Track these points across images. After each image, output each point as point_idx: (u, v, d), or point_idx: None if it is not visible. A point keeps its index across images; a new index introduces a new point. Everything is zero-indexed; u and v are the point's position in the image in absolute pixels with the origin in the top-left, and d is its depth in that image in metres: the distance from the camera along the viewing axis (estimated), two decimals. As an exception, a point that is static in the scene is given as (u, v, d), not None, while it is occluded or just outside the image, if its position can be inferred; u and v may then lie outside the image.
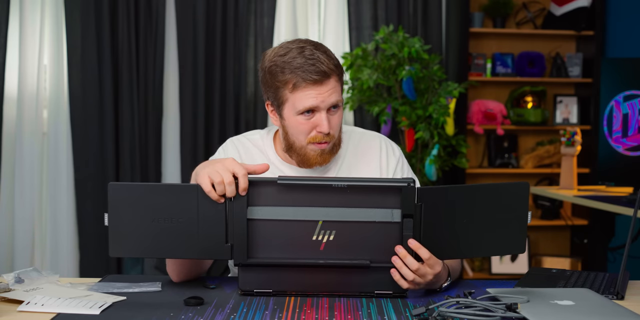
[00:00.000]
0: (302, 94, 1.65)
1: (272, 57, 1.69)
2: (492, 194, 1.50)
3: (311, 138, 1.69)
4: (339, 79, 1.69)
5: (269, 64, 1.69)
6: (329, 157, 1.73)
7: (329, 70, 1.65)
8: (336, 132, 1.72)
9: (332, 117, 1.69)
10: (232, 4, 4.07)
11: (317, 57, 1.65)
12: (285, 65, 1.65)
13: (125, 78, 3.99)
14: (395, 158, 1.84)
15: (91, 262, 3.99)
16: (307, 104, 1.65)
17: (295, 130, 1.70)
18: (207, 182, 1.45)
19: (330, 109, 1.68)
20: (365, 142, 1.84)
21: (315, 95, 1.65)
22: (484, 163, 4.50)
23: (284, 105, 1.69)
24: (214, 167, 1.46)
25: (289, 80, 1.65)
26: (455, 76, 4.22)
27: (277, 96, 1.69)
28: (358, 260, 1.47)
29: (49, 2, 3.96)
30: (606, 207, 2.97)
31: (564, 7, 4.37)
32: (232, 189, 1.44)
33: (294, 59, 1.65)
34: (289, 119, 1.70)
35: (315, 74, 1.63)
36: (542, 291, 1.46)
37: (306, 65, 1.63)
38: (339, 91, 1.70)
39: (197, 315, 1.35)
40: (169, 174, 4.11)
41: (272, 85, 1.69)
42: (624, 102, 3.15)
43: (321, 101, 1.65)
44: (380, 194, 1.46)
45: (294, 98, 1.66)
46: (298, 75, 1.64)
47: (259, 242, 1.47)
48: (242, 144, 1.83)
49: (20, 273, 1.53)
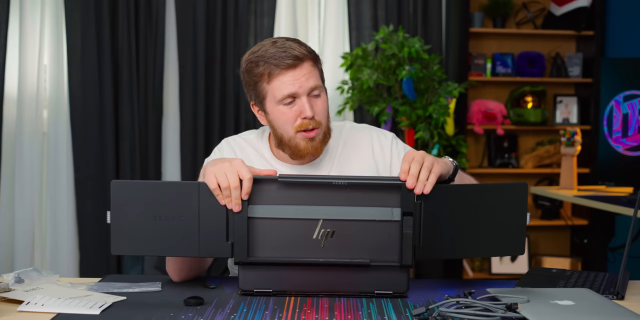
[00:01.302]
0: (279, 82, 1.67)
1: (247, 56, 1.72)
2: (490, 194, 1.50)
3: (297, 126, 1.69)
4: (314, 64, 1.70)
5: (245, 64, 1.72)
6: (320, 146, 1.73)
7: (301, 55, 1.67)
8: (322, 118, 1.71)
9: (315, 102, 1.70)
10: (232, 4, 4.07)
11: (289, 45, 1.68)
12: (258, 59, 1.68)
13: (125, 78, 3.99)
14: (388, 141, 1.84)
15: (91, 262, 3.99)
16: (285, 91, 1.67)
17: (280, 122, 1.70)
18: (214, 181, 1.45)
19: (310, 95, 1.69)
20: (355, 133, 1.85)
21: (292, 81, 1.66)
22: (484, 163, 4.50)
23: (266, 99, 1.70)
24: (222, 167, 1.46)
25: (264, 71, 1.67)
26: (455, 76, 4.22)
27: (257, 92, 1.71)
28: (358, 259, 1.47)
29: (49, 2, 3.96)
30: (606, 207, 2.97)
31: (564, 7, 4.37)
32: (237, 194, 1.44)
33: (266, 51, 1.68)
34: (273, 112, 1.71)
35: (287, 58, 1.65)
36: (542, 291, 1.46)
37: (278, 53, 1.66)
38: (317, 76, 1.70)
39: (197, 315, 1.35)
40: (169, 174, 4.11)
41: (251, 82, 1.71)
42: (624, 102, 3.15)
43: (299, 87, 1.66)
44: (381, 192, 1.46)
45: (272, 89, 1.68)
46: (271, 63, 1.66)
47: (259, 240, 1.47)
48: (238, 143, 1.83)
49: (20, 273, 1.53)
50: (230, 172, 1.45)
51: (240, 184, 1.45)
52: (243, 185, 1.45)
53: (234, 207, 1.45)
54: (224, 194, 1.45)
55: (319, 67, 1.73)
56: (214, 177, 1.45)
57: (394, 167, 1.82)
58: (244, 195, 1.45)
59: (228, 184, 1.44)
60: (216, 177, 1.45)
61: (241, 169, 1.46)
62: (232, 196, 1.44)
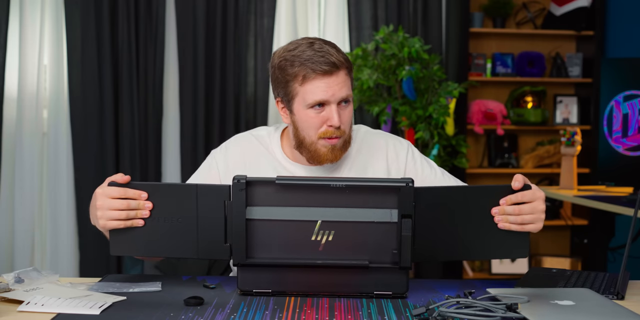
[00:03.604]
0: (312, 86, 1.65)
1: (281, 53, 1.69)
2: (490, 196, 1.48)
3: (322, 133, 1.68)
4: (348, 73, 1.69)
5: (279, 60, 1.69)
6: (340, 153, 1.72)
7: (339, 62, 1.65)
8: (347, 128, 1.71)
9: (343, 111, 1.69)
10: (232, 4, 4.07)
11: (327, 50, 1.65)
12: (294, 58, 1.65)
13: (125, 78, 3.99)
14: (404, 149, 1.83)
15: (91, 262, 3.99)
16: (317, 97, 1.65)
17: (305, 125, 1.69)
18: (118, 223, 1.48)
19: (340, 103, 1.68)
20: (370, 138, 1.84)
21: (325, 88, 1.65)
22: (484, 163, 4.50)
23: (294, 100, 1.68)
24: (103, 207, 1.47)
25: (298, 72, 1.65)
26: (455, 76, 4.22)
27: (287, 91, 1.69)
28: (357, 261, 1.46)
29: (49, 2, 3.96)
30: (606, 207, 2.97)
31: (564, 7, 4.37)
32: (137, 204, 1.47)
33: (303, 52, 1.65)
34: (299, 114, 1.69)
35: (324, 64, 1.63)
36: (542, 291, 1.46)
37: (315, 57, 1.64)
38: (349, 86, 1.69)
39: (197, 315, 1.35)
40: (169, 174, 4.11)
41: (282, 80, 1.68)
42: (624, 102, 3.15)
43: (331, 95, 1.65)
44: (379, 194, 1.45)
45: (303, 91, 1.66)
46: (307, 66, 1.64)
47: (257, 242, 1.46)
48: (248, 140, 1.82)
49: (20, 273, 1.53)
50: (111, 203, 1.46)
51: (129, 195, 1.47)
52: (121, 181, 1.47)
53: (145, 211, 1.47)
54: (135, 215, 1.47)
55: (351, 76, 1.72)
56: (115, 216, 1.47)
57: (408, 175, 1.80)
58: (124, 180, 1.47)
59: (126, 206, 1.46)
60: (117, 215, 1.47)
61: (107, 191, 1.47)
62: (139, 209, 1.47)
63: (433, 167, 1.85)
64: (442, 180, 1.83)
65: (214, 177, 1.79)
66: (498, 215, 1.47)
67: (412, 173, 1.81)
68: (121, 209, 1.47)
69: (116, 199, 1.47)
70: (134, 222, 1.48)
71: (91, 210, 1.55)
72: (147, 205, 1.47)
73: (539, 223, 1.49)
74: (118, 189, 1.47)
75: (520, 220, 1.47)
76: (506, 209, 1.47)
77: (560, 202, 4.31)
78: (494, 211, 1.47)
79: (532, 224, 1.48)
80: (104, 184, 1.50)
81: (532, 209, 1.48)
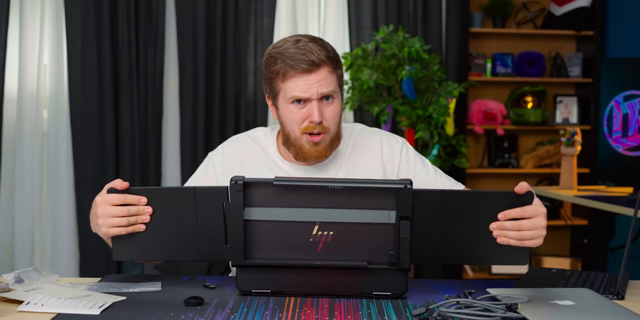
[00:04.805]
0: (292, 83, 1.67)
1: (270, 50, 1.73)
2: (492, 202, 1.46)
3: (304, 128, 1.70)
4: (332, 70, 1.69)
5: (266, 57, 1.73)
6: (324, 151, 1.73)
7: (319, 60, 1.66)
8: (331, 124, 1.71)
9: (326, 108, 1.70)
10: (232, 4, 4.08)
11: (310, 47, 1.67)
12: (278, 55, 1.68)
13: (125, 78, 3.99)
14: (399, 146, 1.83)
15: (91, 262, 3.99)
16: (296, 93, 1.67)
17: (288, 120, 1.71)
18: (120, 229, 1.48)
19: (322, 100, 1.69)
20: (365, 136, 1.84)
21: (304, 85, 1.66)
22: (484, 163, 4.50)
23: (278, 96, 1.72)
24: (104, 215, 1.48)
25: (280, 69, 1.68)
26: (455, 76, 4.22)
27: (272, 87, 1.72)
28: (355, 262, 1.46)
29: (49, 2, 3.96)
30: (606, 207, 2.97)
31: (564, 7, 4.37)
32: (137, 209, 1.48)
33: (287, 49, 1.68)
34: (283, 109, 1.72)
35: (303, 62, 1.65)
36: (542, 291, 1.46)
37: (297, 55, 1.66)
38: (333, 82, 1.70)
39: (197, 315, 1.35)
40: (169, 174, 4.11)
41: (267, 76, 1.73)
42: (624, 102, 3.15)
43: (311, 92, 1.67)
44: (377, 196, 1.44)
45: (285, 87, 1.69)
46: (287, 64, 1.66)
47: (256, 243, 1.46)
48: (244, 141, 1.84)
49: (20, 273, 1.53)
50: (112, 210, 1.47)
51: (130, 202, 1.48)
52: (120, 187, 1.48)
53: (145, 217, 1.48)
54: (136, 220, 1.48)
55: (337, 73, 1.72)
56: (116, 222, 1.47)
57: (401, 172, 1.81)
58: (122, 186, 1.48)
59: (126, 212, 1.47)
60: (118, 222, 1.47)
61: (107, 198, 1.48)
62: (139, 214, 1.48)
63: (426, 166, 1.85)
64: (434, 179, 1.82)
65: (212, 179, 1.80)
66: (496, 231, 1.46)
67: (405, 170, 1.82)
68: (122, 215, 1.47)
69: (116, 205, 1.48)
70: (135, 227, 1.49)
71: (92, 218, 1.56)
72: (147, 210, 1.48)
73: (539, 239, 1.47)
74: (118, 196, 1.48)
75: (520, 237, 1.45)
76: (505, 224, 1.45)
77: (560, 202, 4.31)
78: (492, 226, 1.46)
79: (532, 240, 1.46)
80: (103, 191, 1.50)
81: (532, 225, 1.45)
